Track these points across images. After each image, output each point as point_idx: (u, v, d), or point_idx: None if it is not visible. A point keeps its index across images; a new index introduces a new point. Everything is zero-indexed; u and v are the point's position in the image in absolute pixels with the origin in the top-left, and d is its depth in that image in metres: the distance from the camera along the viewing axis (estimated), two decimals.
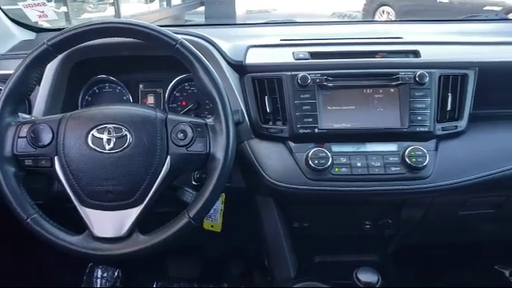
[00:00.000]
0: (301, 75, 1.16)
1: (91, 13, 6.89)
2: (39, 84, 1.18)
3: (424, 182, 1.14)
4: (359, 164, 1.14)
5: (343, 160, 1.15)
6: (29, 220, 0.95)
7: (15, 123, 0.99)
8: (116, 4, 6.60)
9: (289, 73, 1.18)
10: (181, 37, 0.99)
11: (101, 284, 1.71)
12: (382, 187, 1.14)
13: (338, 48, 1.29)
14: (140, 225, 0.97)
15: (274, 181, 1.16)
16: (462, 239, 1.56)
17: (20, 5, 1.56)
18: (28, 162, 0.97)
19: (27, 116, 1.06)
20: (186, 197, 1.04)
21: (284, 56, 1.25)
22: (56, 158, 0.96)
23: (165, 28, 1.00)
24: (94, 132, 0.96)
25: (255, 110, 1.20)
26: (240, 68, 1.24)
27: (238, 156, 1.08)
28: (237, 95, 1.19)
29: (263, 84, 1.20)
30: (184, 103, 1.37)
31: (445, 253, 1.74)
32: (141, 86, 1.38)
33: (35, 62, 0.99)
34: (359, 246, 1.44)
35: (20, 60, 1.00)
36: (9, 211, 0.95)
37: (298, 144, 1.17)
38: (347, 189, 1.14)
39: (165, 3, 8.24)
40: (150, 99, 1.38)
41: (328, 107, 1.18)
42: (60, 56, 1.11)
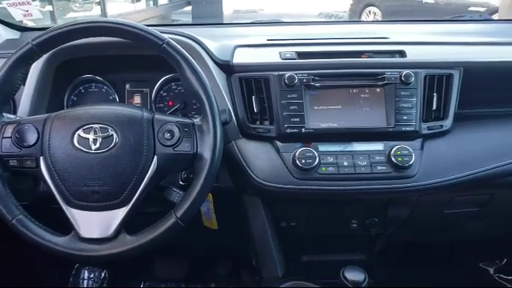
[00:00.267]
0: (288, 75, 1.16)
1: (77, 12, 6.85)
2: (24, 84, 1.16)
3: (410, 181, 1.15)
4: (346, 163, 1.15)
5: (330, 159, 1.15)
6: (14, 221, 0.94)
7: (0, 123, 0.98)
8: (102, 3, 6.58)
9: (276, 73, 1.18)
10: (167, 36, 0.99)
11: (87, 285, 1.69)
12: (369, 186, 1.15)
13: (325, 48, 1.30)
14: (127, 225, 0.97)
15: (262, 180, 1.16)
16: (448, 237, 1.58)
17: (4, 3, 1.54)
18: (13, 163, 0.96)
19: (12, 116, 1.04)
20: (173, 197, 1.03)
21: (271, 56, 1.25)
22: (41, 159, 0.95)
23: (151, 27, 0.99)
24: (80, 132, 0.95)
25: (242, 110, 1.19)
26: (227, 68, 1.23)
27: (226, 156, 1.08)
28: (224, 95, 1.18)
29: (250, 84, 1.20)
30: (171, 103, 1.36)
31: (431, 251, 1.76)
32: (127, 86, 1.37)
33: (20, 62, 0.98)
34: (346, 245, 1.45)
35: (4, 59, 0.98)
36: None
37: (286, 144, 1.17)
38: (334, 188, 1.15)
39: (151, 3, 8.22)
40: (137, 99, 1.37)
41: (315, 107, 1.18)
42: (45, 55, 1.10)
